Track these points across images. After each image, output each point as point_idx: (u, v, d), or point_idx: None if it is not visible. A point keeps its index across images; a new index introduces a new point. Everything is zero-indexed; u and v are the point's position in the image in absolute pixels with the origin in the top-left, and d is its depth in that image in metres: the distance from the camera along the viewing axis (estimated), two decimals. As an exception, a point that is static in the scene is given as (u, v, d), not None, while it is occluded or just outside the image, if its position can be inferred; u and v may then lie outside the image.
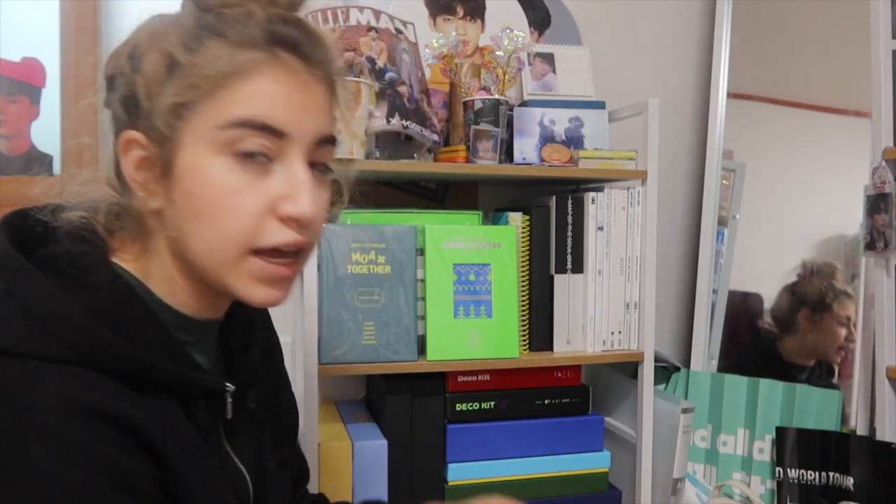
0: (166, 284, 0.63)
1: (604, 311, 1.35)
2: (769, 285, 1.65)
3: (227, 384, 0.67)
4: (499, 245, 1.29)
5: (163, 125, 0.58)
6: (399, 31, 1.35)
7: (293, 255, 0.62)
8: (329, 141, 0.64)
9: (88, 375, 0.54)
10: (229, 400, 0.68)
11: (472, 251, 1.27)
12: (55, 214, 0.61)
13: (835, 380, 1.59)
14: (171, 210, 0.60)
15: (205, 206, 0.58)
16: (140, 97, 0.58)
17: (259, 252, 0.60)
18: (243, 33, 0.58)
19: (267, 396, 0.78)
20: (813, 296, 1.62)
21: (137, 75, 0.58)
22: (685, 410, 1.37)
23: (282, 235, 0.60)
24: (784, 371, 1.61)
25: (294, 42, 0.60)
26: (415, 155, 1.32)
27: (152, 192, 0.60)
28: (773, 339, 1.65)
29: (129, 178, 0.60)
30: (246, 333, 0.75)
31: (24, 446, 0.51)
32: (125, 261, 0.63)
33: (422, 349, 1.25)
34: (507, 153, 1.37)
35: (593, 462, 1.35)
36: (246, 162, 0.58)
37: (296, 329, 1.45)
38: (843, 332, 1.60)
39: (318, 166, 0.64)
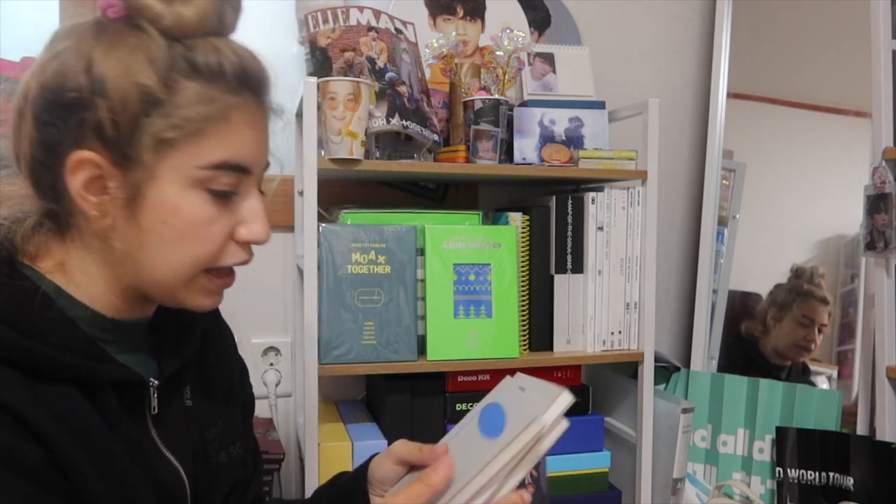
0: (88, 287, 0.66)
1: (604, 311, 1.35)
2: (769, 285, 1.66)
3: (152, 379, 0.69)
4: (499, 245, 1.29)
5: (143, 158, 0.61)
6: (399, 31, 1.35)
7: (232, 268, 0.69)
8: (267, 166, 0.71)
9: None
10: (154, 394, 0.69)
11: (472, 251, 1.27)
12: None
13: (811, 377, 1.60)
14: (128, 231, 0.63)
15: (175, 233, 0.63)
16: (104, 123, 0.59)
17: (210, 269, 0.66)
18: (217, 75, 0.62)
19: (218, 390, 0.79)
20: (780, 296, 1.64)
21: (100, 99, 0.59)
22: (685, 410, 1.37)
23: (238, 256, 0.67)
24: (766, 369, 1.61)
25: (258, 84, 0.66)
26: (415, 155, 1.32)
27: (106, 213, 0.62)
28: (755, 339, 1.66)
29: (77, 195, 0.62)
30: (180, 332, 0.76)
31: None
32: (40, 264, 0.65)
33: (422, 349, 1.25)
34: (507, 153, 1.37)
35: (593, 462, 1.35)
36: (216, 195, 0.64)
37: (296, 329, 1.45)
38: (801, 331, 1.61)
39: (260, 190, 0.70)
